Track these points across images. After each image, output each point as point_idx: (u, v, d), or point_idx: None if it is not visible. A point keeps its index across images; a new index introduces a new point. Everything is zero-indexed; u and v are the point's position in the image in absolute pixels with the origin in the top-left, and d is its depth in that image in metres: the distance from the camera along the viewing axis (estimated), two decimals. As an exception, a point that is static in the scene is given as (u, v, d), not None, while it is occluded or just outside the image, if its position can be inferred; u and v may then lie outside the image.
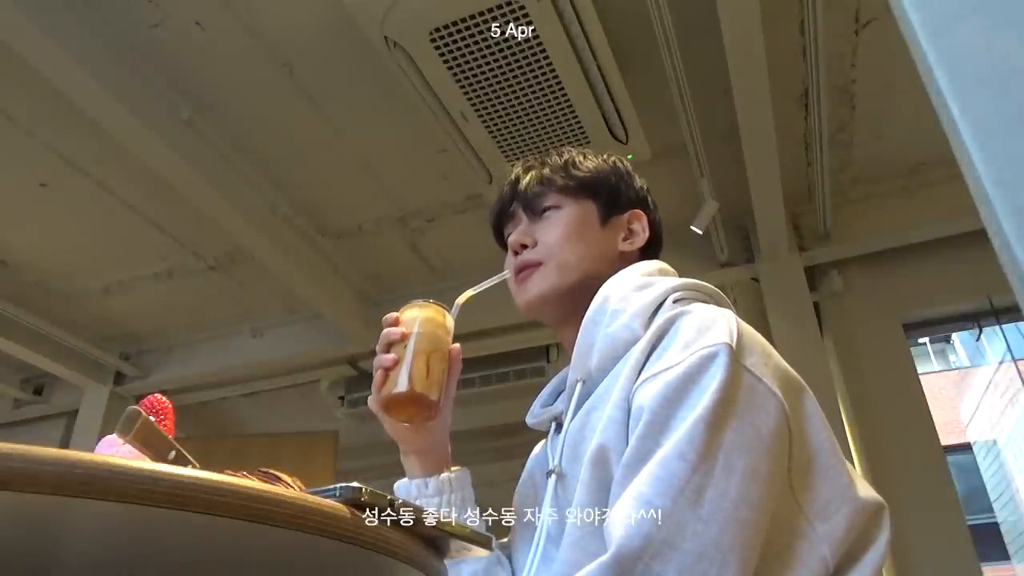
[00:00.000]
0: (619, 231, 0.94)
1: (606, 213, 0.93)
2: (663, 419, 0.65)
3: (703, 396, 0.65)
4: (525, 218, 0.95)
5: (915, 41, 0.46)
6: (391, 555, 0.53)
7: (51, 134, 2.26)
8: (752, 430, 0.65)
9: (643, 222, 0.96)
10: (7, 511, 0.40)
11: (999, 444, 12.35)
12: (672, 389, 0.66)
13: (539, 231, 0.92)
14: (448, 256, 2.94)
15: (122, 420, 0.54)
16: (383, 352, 0.83)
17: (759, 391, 0.67)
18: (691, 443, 0.62)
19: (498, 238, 1.00)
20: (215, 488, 0.43)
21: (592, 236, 0.92)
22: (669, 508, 0.60)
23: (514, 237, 0.93)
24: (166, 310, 3.22)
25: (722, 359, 0.66)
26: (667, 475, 0.62)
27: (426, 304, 0.85)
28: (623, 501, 0.62)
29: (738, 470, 0.62)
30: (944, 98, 0.43)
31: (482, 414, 3.39)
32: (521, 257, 0.92)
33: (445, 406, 0.86)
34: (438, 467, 0.88)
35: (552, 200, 0.93)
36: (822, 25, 1.85)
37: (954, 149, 0.43)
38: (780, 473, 0.66)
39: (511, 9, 1.72)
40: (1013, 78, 0.42)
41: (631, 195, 0.97)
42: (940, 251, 2.58)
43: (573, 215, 0.92)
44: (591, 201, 0.93)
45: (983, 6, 0.44)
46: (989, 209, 0.40)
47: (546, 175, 0.94)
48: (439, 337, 0.83)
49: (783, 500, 0.65)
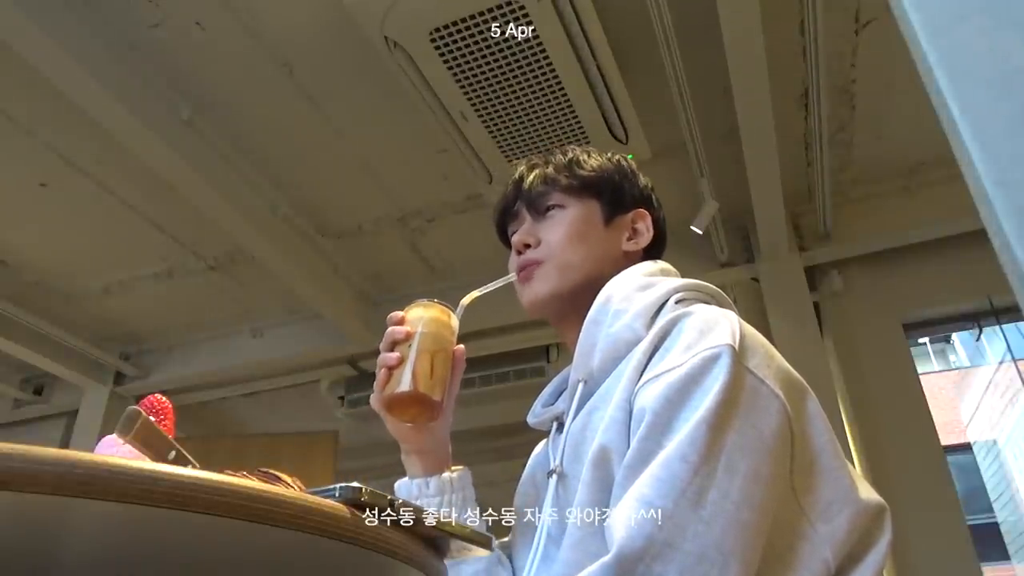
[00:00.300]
0: (623, 231, 0.94)
1: (610, 212, 0.93)
2: (665, 420, 0.65)
3: (705, 398, 0.65)
4: (529, 217, 0.94)
5: (915, 41, 0.46)
6: (391, 555, 0.53)
7: (51, 134, 2.26)
8: (754, 432, 0.65)
9: (647, 221, 0.95)
10: (7, 511, 0.40)
11: (999, 444, 12.35)
12: (674, 390, 0.66)
13: (542, 230, 0.92)
14: (448, 256, 2.94)
15: (122, 420, 0.54)
16: (387, 351, 0.82)
17: (761, 393, 0.67)
18: (693, 445, 0.62)
19: (502, 236, 1.00)
20: (215, 488, 0.43)
21: (595, 236, 0.91)
22: (671, 509, 0.60)
23: (517, 237, 0.93)
24: (166, 310, 3.22)
25: (724, 361, 0.66)
26: (669, 476, 0.62)
27: (431, 304, 0.85)
28: (625, 502, 0.62)
29: (740, 472, 0.62)
30: (944, 98, 0.43)
31: (482, 414, 3.38)
32: (524, 256, 0.92)
33: (448, 406, 0.86)
34: (439, 467, 0.88)
35: (556, 199, 0.93)
36: (822, 25, 1.85)
37: (954, 149, 0.43)
38: (782, 475, 0.66)
39: (511, 9, 1.72)
40: (1014, 78, 0.41)
41: (635, 194, 0.96)
42: (940, 251, 2.58)
43: (577, 215, 0.92)
44: (595, 200, 0.93)
45: (983, 6, 0.44)
46: (989, 209, 0.40)
47: (550, 174, 0.94)
48: (444, 337, 0.83)
49: (785, 502, 0.65)
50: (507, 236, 0.98)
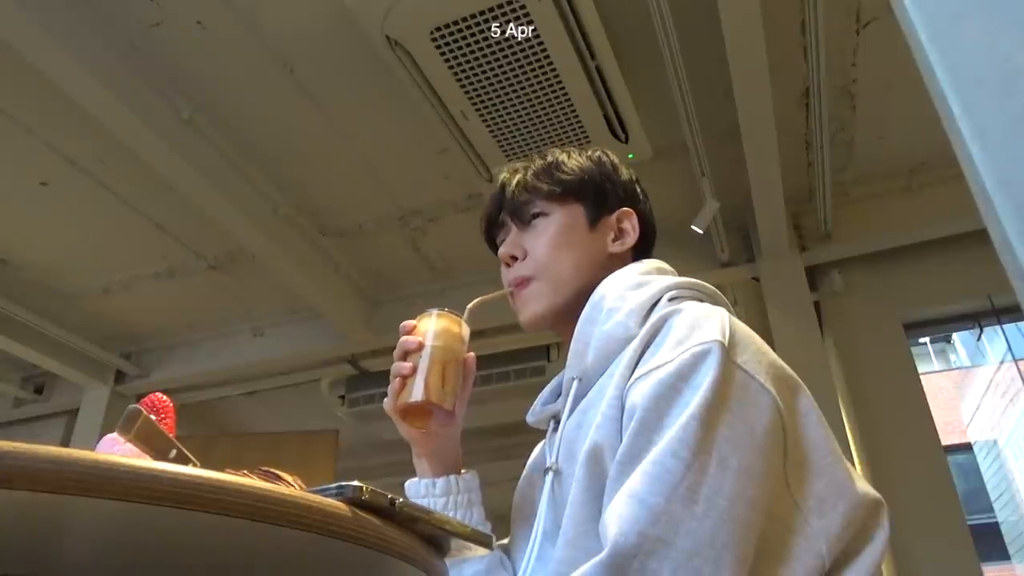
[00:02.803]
0: (608, 232, 0.93)
1: (595, 215, 0.93)
2: (656, 416, 0.65)
3: (696, 393, 0.65)
4: (514, 227, 0.94)
5: (916, 41, 0.46)
6: (392, 554, 0.53)
7: (51, 133, 2.26)
8: (746, 427, 0.65)
9: (632, 220, 0.95)
10: (7, 510, 0.40)
11: (999, 444, 12.35)
12: (665, 387, 0.67)
13: (528, 240, 0.92)
14: (449, 255, 2.94)
15: (123, 419, 0.54)
16: (400, 360, 0.83)
17: (752, 388, 0.67)
18: (684, 440, 0.63)
19: (490, 245, 1.00)
20: (216, 487, 0.43)
21: (581, 241, 0.91)
22: (663, 506, 0.60)
23: (503, 250, 0.93)
24: (167, 309, 3.22)
25: (714, 356, 0.67)
26: (661, 472, 0.62)
27: (443, 313, 0.86)
28: (618, 499, 0.62)
29: (732, 467, 0.62)
30: (945, 98, 0.43)
31: (482, 414, 3.38)
32: (513, 272, 0.91)
33: (459, 413, 0.87)
34: (448, 470, 0.89)
35: (539, 207, 0.92)
36: (823, 25, 1.85)
37: (955, 149, 0.43)
38: (775, 470, 0.66)
39: (512, 8, 1.72)
40: (1014, 78, 0.41)
41: (619, 193, 0.96)
42: (940, 251, 2.57)
43: (561, 223, 0.91)
44: (578, 204, 0.92)
45: (983, 6, 0.44)
46: (990, 209, 0.40)
47: (531, 182, 0.93)
48: (455, 347, 0.85)
49: (779, 496, 0.65)
50: (495, 244, 0.98)
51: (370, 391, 3.33)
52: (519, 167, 0.97)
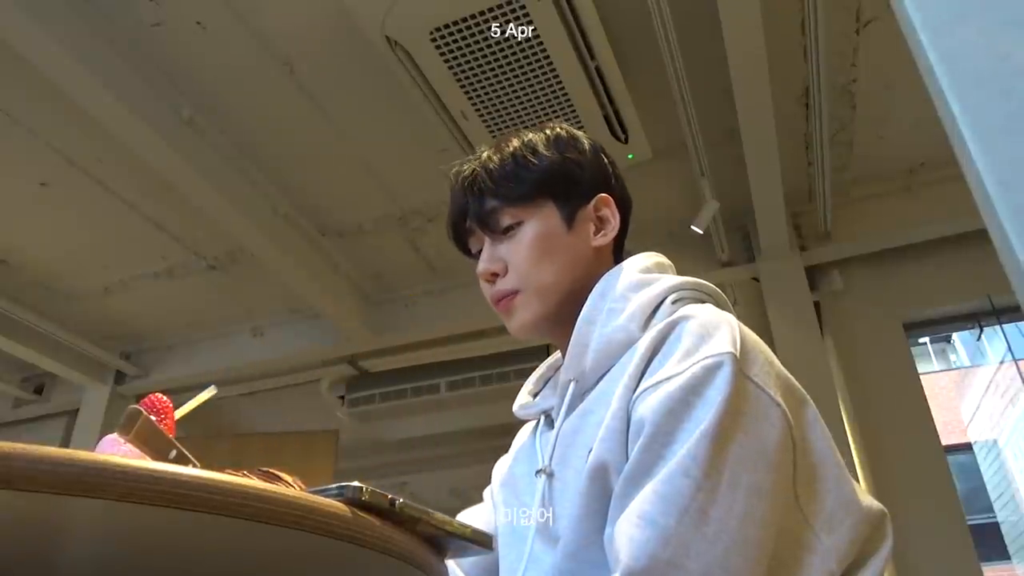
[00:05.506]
0: (588, 224, 0.87)
1: (570, 212, 0.85)
2: (666, 433, 0.64)
3: (708, 410, 0.63)
4: (487, 238, 0.87)
5: (916, 41, 0.46)
6: (392, 555, 0.53)
7: (52, 133, 2.26)
8: (757, 444, 0.63)
9: (611, 207, 0.88)
10: (7, 510, 0.40)
11: (999, 444, 12.35)
12: (675, 401, 0.65)
13: (505, 252, 0.85)
14: (449, 255, 2.93)
15: (123, 419, 0.54)
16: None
17: (763, 402, 0.66)
18: (695, 459, 0.61)
19: (460, 247, 0.93)
20: (216, 487, 0.43)
21: (562, 245, 0.84)
22: (674, 528, 0.59)
23: (481, 267, 0.86)
24: (167, 309, 3.22)
25: (726, 370, 0.65)
26: (671, 493, 0.61)
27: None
28: (627, 518, 0.61)
29: (743, 486, 0.61)
30: (945, 98, 0.43)
31: (482, 414, 3.38)
32: (496, 288, 0.85)
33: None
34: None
35: (509, 217, 0.85)
36: (823, 24, 1.85)
37: (955, 149, 0.43)
38: (785, 485, 0.65)
39: (511, 9, 1.72)
40: (1014, 78, 0.41)
41: (588, 178, 0.88)
42: (940, 251, 2.58)
43: (537, 230, 0.84)
44: (550, 201, 0.85)
45: (983, 6, 0.44)
46: (990, 209, 0.40)
47: (495, 187, 0.85)
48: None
49: (789, 513, 0.64)
50: (466, 247, 0.91)
51: (370, 391, 3.33)
52: (475, 162, 0.90)
